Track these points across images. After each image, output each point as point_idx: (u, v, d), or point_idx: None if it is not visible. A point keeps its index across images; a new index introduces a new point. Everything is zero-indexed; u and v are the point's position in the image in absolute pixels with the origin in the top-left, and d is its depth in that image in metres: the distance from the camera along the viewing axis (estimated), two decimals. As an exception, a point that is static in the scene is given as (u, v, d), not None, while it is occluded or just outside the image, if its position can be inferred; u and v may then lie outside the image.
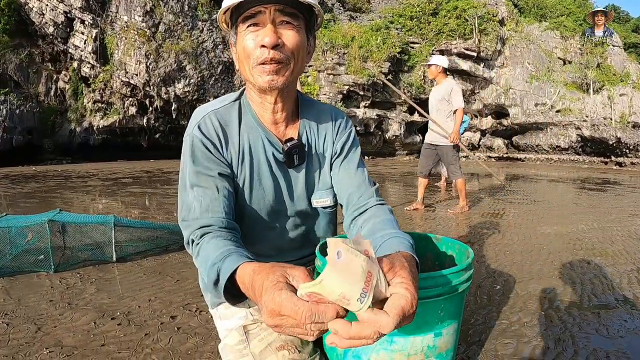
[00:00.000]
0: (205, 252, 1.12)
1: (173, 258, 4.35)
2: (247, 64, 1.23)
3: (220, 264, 1.00)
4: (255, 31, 1.20)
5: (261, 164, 1.36)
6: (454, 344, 1.33)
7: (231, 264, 0.97)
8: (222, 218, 1.22)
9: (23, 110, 18.66)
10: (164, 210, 7.05)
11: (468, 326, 2.81)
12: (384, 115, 21.29)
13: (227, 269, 0.96)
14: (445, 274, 1.20)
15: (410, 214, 6.78)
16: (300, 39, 1.23)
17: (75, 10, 18.45)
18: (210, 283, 1.02)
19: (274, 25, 1.18)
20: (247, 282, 0.87)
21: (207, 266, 1.05)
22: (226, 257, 1.01)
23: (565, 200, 8.29)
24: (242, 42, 1.22)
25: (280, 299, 0.70)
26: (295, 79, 1.32)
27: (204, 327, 2.78)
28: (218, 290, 1.00)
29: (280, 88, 1.26)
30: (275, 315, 0.71)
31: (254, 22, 1.19)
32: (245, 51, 1.22)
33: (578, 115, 19.30)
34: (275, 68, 1.20)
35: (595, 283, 3.61)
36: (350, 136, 1.48)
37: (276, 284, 0.74)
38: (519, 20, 22.87)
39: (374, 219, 1.31)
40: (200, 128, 1.30)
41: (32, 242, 3.95)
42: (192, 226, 1.22)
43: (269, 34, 1.16)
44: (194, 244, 1.19)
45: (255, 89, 1.30)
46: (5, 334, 2.70)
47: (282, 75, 1.23)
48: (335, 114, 1.49)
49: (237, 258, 0.99)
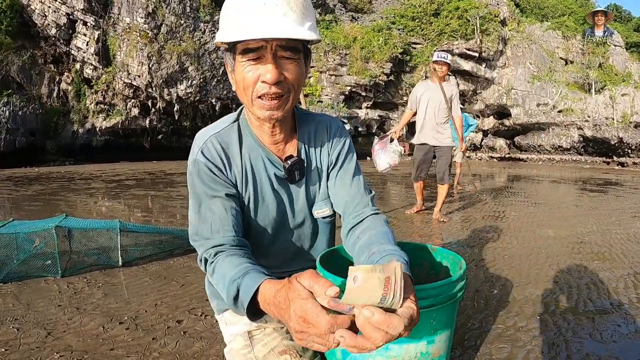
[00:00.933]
0: (221, 270, 1.18)
1: (178, 262, 4.42)
2: (246, 95, 1.24)
3: (239, 281, 1.07)
4: (255, 65, 1.19)
5: (263, 182, 1.41)
6: (446, 350, 1.40)
7: (252, 282, 1.03)
8: (232, 237, 1.28)
9: (26, 112, 18.73)
10: (168, 213, 7.13)
11: (464, 330, 2.88)
12: (386, 116, 21.33)
13: (248, 287, 1.03)
14: (436, 286, 1.27)
15: (412, 217, 6.85)
16: (301, 71, 1.25)
17: (77, 12, 18.52)
18: (230, 299, 1.08)
19: (275, 60, 1.18)
20: (270, 299, 0.94)
21: (226, 283, 1.11)
22: (245, 275, 1.08)
23: (566, 202, 8.34)
24: (242, 72, 1.22)
25: (306, 307, 0.80)
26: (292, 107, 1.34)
27: (210, 331, 2.85)
28: (238, 307, 1.07)
29: (279, 120, 1.30)
30: (302, 322, 0.81)
31: (255, 57, 1.18)
32: (245, 82, 1.22)
33: (580, 116, 19.33)
34: (275, 104, 1.24)
35: (592, 288, 3.67)
36: (345, 145, 1.51)
37: (299, 294, 0.84)
38: (520, 20, 22.89)
39: (370, 230, 1.34)
40: (203, 153, 1.35)
41: (39, 248, 4.03)
42: (204, 245, 1.28)
43: (272, 70, 1.17)
44: (207, 262, 1.26)
45: (254, 117, 1.34)
46: (16, 339, 2.77)
47: (282, 110, 1.26)
48: (330, 124, 1.51)
49: (256, 275, 1.05)
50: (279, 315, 0.91)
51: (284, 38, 1.14)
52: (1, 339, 2.78)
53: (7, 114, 18.03)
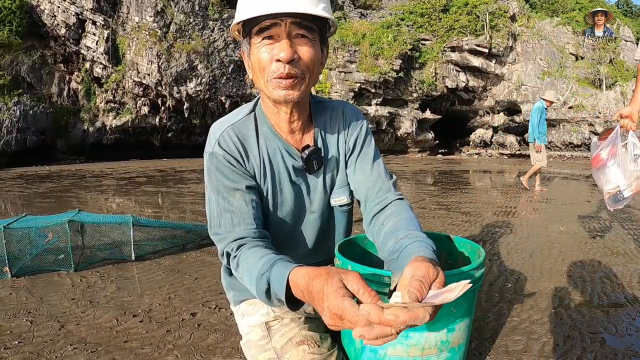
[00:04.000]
0: (246, 263, 1.16)
1: (190, 257, 4.44)
2: (262, 77, 1.23)
3: (268, 274, 1.04)
4: (270, 44, 1.18)
5: (281, 173, 1.39)
6: (466, 339, 1.39)
7: (282, 271, 1.01)
8: (254, 229, 1.27)
9: (36, 111, 18.89)
10: (179, 209, 7.16)
11: (480, 323, 2.86)
12: (396, 112, 21.28)
13: (279, 280, 1.00)
14: (457, 272, 1.25)
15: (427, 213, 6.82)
16: (316, 52, 1.23)
17: (86, 12, 18.64)
18: (261, 294, 1.06)
19: (290, 39, 1.17)
20: (302, 286, 0.92)
21: (254, 277, 1.09)
22: (272, 266, 1.05)
23: (577, 198, 8.28)
24: (257, 54, 1.21)
25: (343, 305, 0.78)
26: (310, 90, 1.33)
27: (224, 324, 2.86)
28: (272, 300, 1.05)
29: (295, 101, 1.27)
30: (337, 319, 0.80)
31: (269, 35, 1.18)
32: (260, 64, 1.21)
33: (591, 112, 19.20)
34: (291, 83, 1.21)
35: (606, 282, 3.64)
36: (362, 129, 1.47)
37: (337, 290, 0.81)
38: (530, 16, 22.74)
39: (396, 216, 1.31)
40: (220, 145, 1.32)
41: (52, 242, 4.06)
42: (226, 239, 1.26)
43: (285, 48, 1.16)
44: (230, 257, 1.24)
45: (271, 100, 1.31)
46: (30, 332, 2.79)
47: (298, 90, 1.24)
48: (345, 109, 1.48)
49: (285, 264, 1.03)
50: (311, 303, 0.90)
51: (297, 13, 1.14)
52: (15, 331, 2.80)
53: (17, 113, 18.20)
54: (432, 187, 10.45)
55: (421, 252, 1.06)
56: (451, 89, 22.23)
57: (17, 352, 2.53)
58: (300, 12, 1.13)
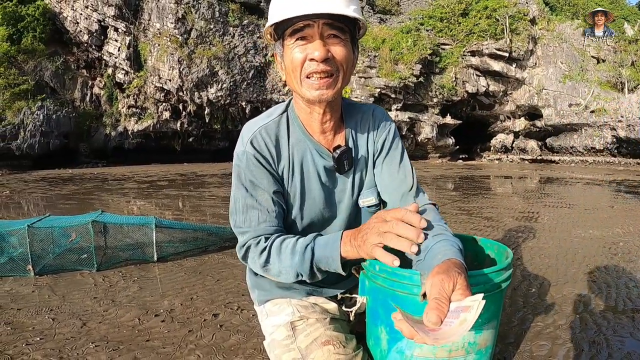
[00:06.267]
0: (284, 246, 1.26)
1: (212, 259, 4.46)
2: (295, 77, 1.25)
3: (312, 244, 1.22)
4: (303, 45, 1.21)
5: (311, 175, 1.40)
6: (493, 341, 1.37)
7: (331, 236, 1.22)
8: (277, 228, 1.32)
9: (60, 116, 19.21)
10: (200, 212, 7.20)
11: (505, 327, 2.83)
12: (416, 117, 21.19)
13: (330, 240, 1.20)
14: (486, 272, 1.24)
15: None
16: (348, 52, 1.25)
17: (108, 19, 18.93)
18: (305, 266, 1.22)
19: (322, 39, 1.20)
20: (352, 234, 1.15)
21: (298, 252, 1.22)
22: (315, 238, 1.23)
23: (600, 204, 8.15)
24: (290, 55, 1.23)
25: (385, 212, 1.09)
26: (342, 90, 1.34)
27: (246, 325, 2.86)
28: (313, 269, 1.22)
29: (329, 101, 1.29)
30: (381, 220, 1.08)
31: (302, 36, 1.21)
32: (294, 64, 1.23)
33: (613, 116, 18.89)
34: (325, 83, 1.24)
35: (631, 287, 3.58)
36: (390, 132, 1.48)
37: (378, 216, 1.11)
38: (550, 19, 22.53)
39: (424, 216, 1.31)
40: (252, 144, 1.34)
41: (75, 242, 4.11)
42: (249, 233, 1.30)
43: (319, 47, 1.18)
44: (255, 246, 1.30)
45: (304, 101, 1.33)
46: (52, 329, 2.83)
47: (331, 89, 1.26)
48: (376, 112, 1.50)
49: (328, 235, 1.23)
50: (360, 241, 1.10)
51: (329, 13, 1.16)
52: (37, 328, 2.84)
53: (41, 117, 18.53)
54: (454, 192, 10.37)
55: (446, 252, 1.07)
56: (471, 94, 22.11)
57: (39, 348, 2.56)
58: (333, 12, 1.16)
